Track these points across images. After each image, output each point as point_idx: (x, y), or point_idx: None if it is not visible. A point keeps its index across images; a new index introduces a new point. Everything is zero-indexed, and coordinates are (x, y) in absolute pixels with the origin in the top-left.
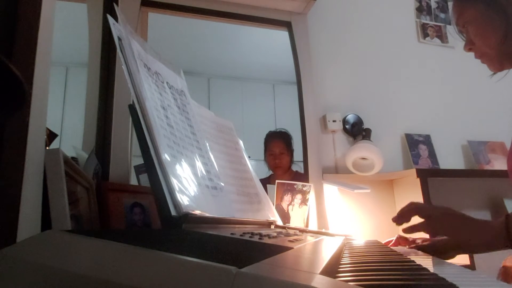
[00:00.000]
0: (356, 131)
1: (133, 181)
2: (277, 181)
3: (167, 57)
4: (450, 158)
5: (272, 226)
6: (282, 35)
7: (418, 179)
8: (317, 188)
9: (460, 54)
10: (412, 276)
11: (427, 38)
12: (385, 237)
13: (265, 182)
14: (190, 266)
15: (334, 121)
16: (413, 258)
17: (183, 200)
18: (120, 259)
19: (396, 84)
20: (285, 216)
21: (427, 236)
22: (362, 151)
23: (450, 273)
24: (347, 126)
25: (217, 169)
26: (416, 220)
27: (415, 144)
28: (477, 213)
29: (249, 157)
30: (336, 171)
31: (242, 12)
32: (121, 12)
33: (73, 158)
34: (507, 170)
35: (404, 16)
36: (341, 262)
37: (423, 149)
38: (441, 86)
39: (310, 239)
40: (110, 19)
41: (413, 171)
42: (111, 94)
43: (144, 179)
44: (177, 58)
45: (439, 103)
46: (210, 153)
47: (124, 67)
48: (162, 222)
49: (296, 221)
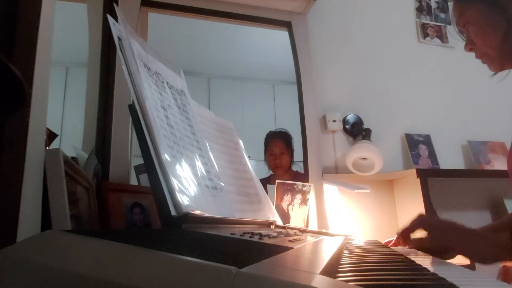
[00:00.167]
0: (356, 131)
1: (133, 181)
2: (277, 181)
3: (167, 57)
4: (450, 158)
5: (272, 226)
6: (282, 35)
7: (418, 179)
8: (317, 188)
9: (460, 54)
10: (412, 276)
11: (427, 38)
12: (385, 237)
13: (265, 182)
14: (190, 266)
15: (334, 121)
16: (413, 258)
17: (183, 200)
18: (120, 259)
19: (396, 84)
20: (285, 216)
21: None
22: (362, 151)
23: (450, 273)
24: (347, 126)
25: (217, 169)
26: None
27: (415, 144)
28: (477, 213)
29: (249, 157)
30: (336, 171)
31: (242, 12)
32: (121, 12)
33: (73, 158)
34: (507, 170)
35: (404, 16)
36: (341, 262)
37: (423, 149)
38: (441, 86)
39: (310, 239)
40: (110, 19)
41: (413, 171)
42: (111, 94)
43: (144, 179)
44: (177, 58)
45: (439, 103)
46: (210, 153)
47: (124, 67)
48: (162, 222)
49: (296, 221)
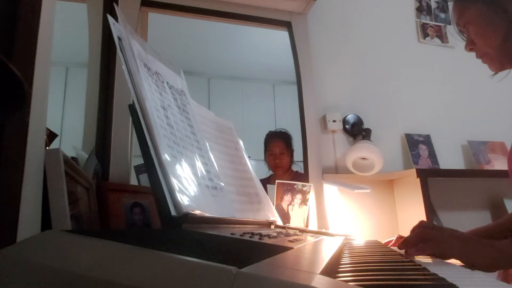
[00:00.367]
0: (356, 131)
1: (133, 181)
2: (277, 181)
3: (167, 57)
4: (450, 158)
5: (272, 226)
6: (282, 35)
7: (418, 179)
8: (317, 188)
9: (460, 54)
10: (412, 276)
11: (427, 38)
12: (385, 237)
13: (265, 182)
14: (190, 266)
15: (334, 121)
16: (413, 258)
17: (183, 200)
18: (120, 259)
19: (396, 84)
20: (285, 216)
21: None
22: (362, 151)
23: (450, 273)
24: (347, 126)
25: (217, 169)
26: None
27: (415, 144)
28: (477, 213)
29: (249, 157)
30: (336, 171)
31: (242, 12)
32: (121, 12)
33: (73, 158)
34: (508, 170)
35: (404, 16)
36: (341, 262)
37: (423, 149)
38: (441, 86)
39: (310, 239)
40: (110, 19)
41: (413, 171)
42: (111, 94)
43: (144, 179)
44: (177, 58)
45: (439, 103)
46: (210, 153)
47: (124, 67)
48: (162, 222)
49: (296, 221)
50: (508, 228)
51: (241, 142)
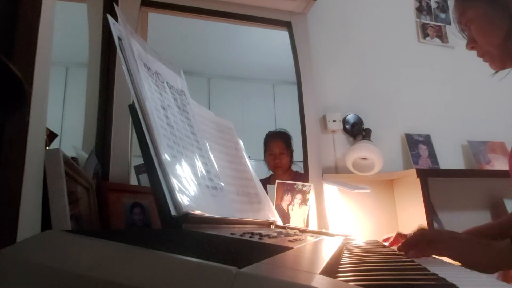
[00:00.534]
0: (356, 131)
1: (133, 181)
2: (277, 181)
3: (167, 57)
4: (450, 158)
5: (272, 226)
6: (282, 35)
7: (418, 179)
8: (317, 188)
9: (460, 54)
10: (412, 276)
11: (427, 38)
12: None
13: (265, 183)
14: (190, 266)
15: (334, 121)
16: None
17: (183, 200)
18: (120, 259)
19: (396, 84)
20: (285, 216)
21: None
22: (362, 151)
23: (450, 273)
24: (347, 126)
25: (217, 169)
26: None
27: (415, 144)
28: (477, 213)
29: (249, 157)
30: (336, 171)
31: (242, 12)
32: (121, 12)
33: (73, 158)
34: (508, 170)
35: (404, 16)
36: (341, 262)
37: (423, 149)
38: (441, 86)
39: (310, 239)
40: (110, 19)
41: (413, 171)
42: (111, 94)
43: (144, 179)
44: (177, 58)
45: (439, 103)
46: (210, 153)
47: (124, 67)
48: (162, 222)
49: (296, 221)
50: (509, 228)
51: (241, 142)
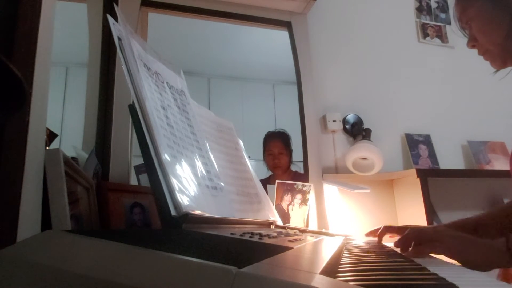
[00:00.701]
0: (356, 131)
1: (133, 181)
2: (277, 181)
3: (167, 57)
4: (450, 158)
5: (272, 226)
6: (282, 35)
7: (418, 179)
8: (317, 188)
9: (460, 54)
10: (412, 276)
11: (427, 38)
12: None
13: (265, 183)
14: (190, 266)
15: (334, 121)
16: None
17: (183, 200)
18: (120, 259)
19: (396, 84)
20: (285, 216)
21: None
22: (362, 151)
23: (450, 273)
24: (347, 126)
25: (217, 169)
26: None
27: (415, 144)
28: (477, 213)
29: (249, 157)
30: (336, 171)
31: (242, 12)
32: (121, 12)
33: (73, 158)
34: (509, 170)
35: (404, 16)
36: (341, 262)
37: (423, 149)
38: (441, 86)
39: (310, 239)
40: (110, 19)
41: (413, 171)
42: (111, 94)
43: (144, 179)
44: (177, 58)
45: (439, 103)
46: (210, 153)
47: (124, 67)
48: (162, 222)
49: (296, 221)
50: (502, 221)
51: (241, 142)
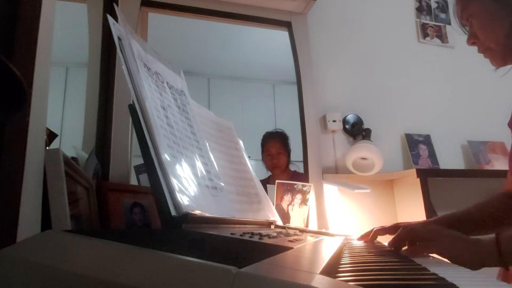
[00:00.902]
0: (356, 131)
1: (133, 181)
2: (277, 181)
3: (167, 57)
4: (450, 158)
5: (272, 226)
6: (282, 35)
7: (418, 179)
8: (317, 188)
9: (460, 54)
10: (412, 276)
11: (427, 38)
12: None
13: (265, 183)
14: (190, 266)
15: (334, 121)
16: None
17: (183, 200)
18: (120, 259)
19: (396, 84)
20: (285, 216)
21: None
22: (362, 151)
23: (450, 273)
24: (347, 126)
25: (217, 169)
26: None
27: (415, 144)
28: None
29: (249, 157)
30: (336, 171)
31: (242, 12)
32: (121, 12)
33: (73, 158)
34: (508, 166)
35: (404, 16)
36: (341, 262)
37: (423, 149)
38: (441, 86)
39: (310, 239)
40: (110, 19)
41: (413, 171)
42: (111, 94)
43: (144, 179)
44: (177, 58)
45: (439, 103)
46: (210, 153)
47: (124, 67)
48: (162, 222)
49: (296, 221)
50: (491, 214)
51: (241, 142)
